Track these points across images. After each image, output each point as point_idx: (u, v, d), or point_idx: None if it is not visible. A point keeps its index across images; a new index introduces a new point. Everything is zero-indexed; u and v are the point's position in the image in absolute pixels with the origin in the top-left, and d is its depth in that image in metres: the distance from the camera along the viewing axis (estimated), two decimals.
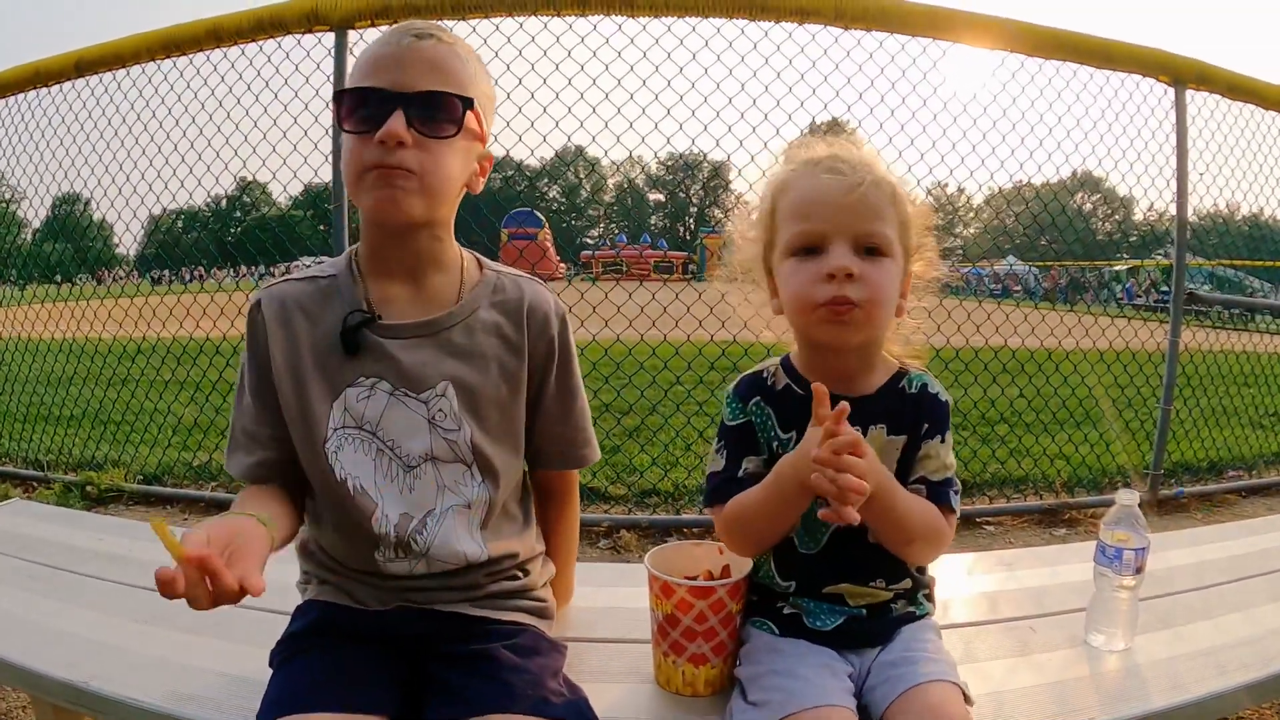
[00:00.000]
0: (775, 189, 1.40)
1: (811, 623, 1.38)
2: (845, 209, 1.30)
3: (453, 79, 1.32)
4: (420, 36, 1.31)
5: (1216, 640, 1.63)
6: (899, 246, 1.34)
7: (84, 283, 8.06)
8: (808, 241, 1.32)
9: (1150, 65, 4.63)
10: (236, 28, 4.13)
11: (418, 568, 1.38)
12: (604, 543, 4.09)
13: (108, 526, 2.39)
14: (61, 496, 4.79)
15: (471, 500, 1.41)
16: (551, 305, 1.50)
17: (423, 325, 1.39)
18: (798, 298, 1.33)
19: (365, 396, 1.36)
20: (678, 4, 3.87)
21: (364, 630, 1.36)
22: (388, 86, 1.28)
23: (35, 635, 1.66)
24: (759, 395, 1.43)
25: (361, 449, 1.37)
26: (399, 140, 1.26)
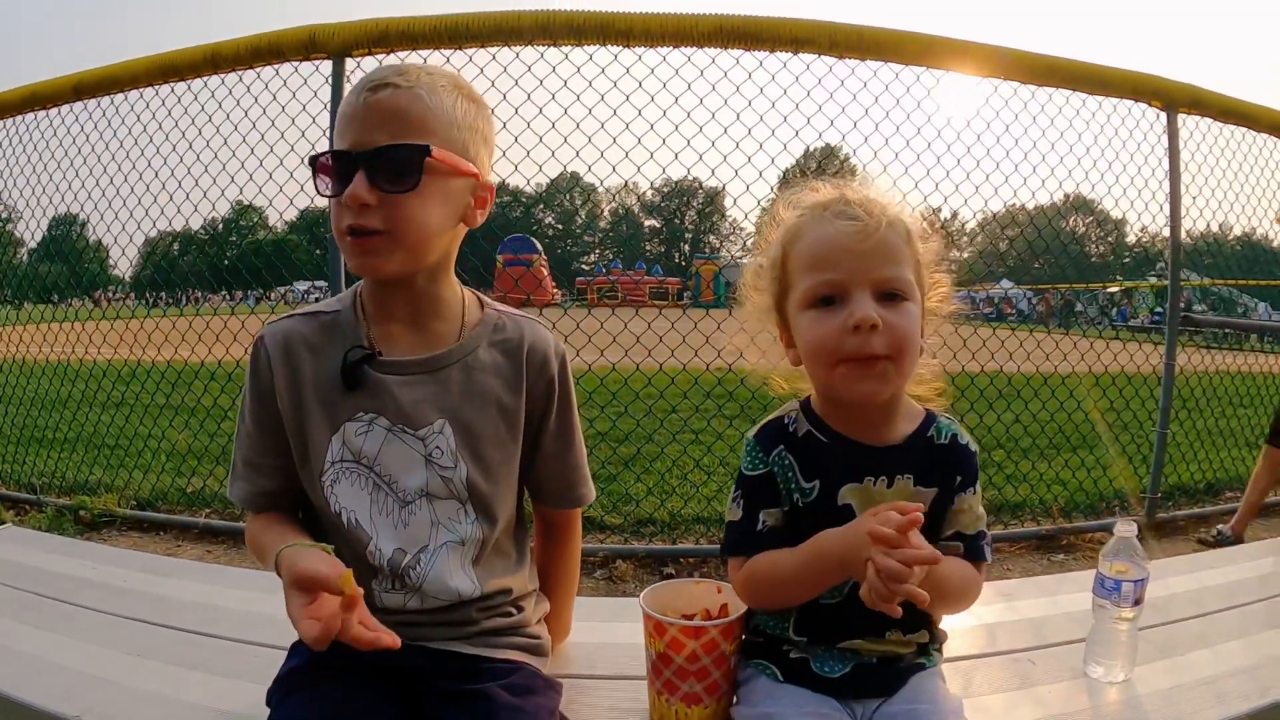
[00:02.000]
0: (786, 237, 1.35)
1: (819, 668, 1.36)
2: (863, 256, 1.26)
3: (411, 126, 1.29)
4: (376, 89, 1.29)
5: (1216, 669, 1.62)
6: (917, 288, 1.31)
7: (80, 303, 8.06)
8: (827, 291, 1.27)
9: (1143, 90, 4.67)
10: (235, 54, 4.15)
11: (411, 602, 1.39)
12: (600, 573, 4.07)
13: (102, 555, 2.37)
14: (54, 521, 4.77)
15: (465, 537, 1.41)
16: (551, 345, 1.50)
17: (422, 363, 1.40)
18: (821, 351, 1.28)
19: (364, 431, 1.37)
20: (673, 35, 3.90)
21: (360, 667, 1.35)
22: (349, 147, 1.28)
23: (28, 667, 1.65)
24: (782, 444, 1.37)
25: (358, 483, 1.38)
26: (362, 202, 1.26)
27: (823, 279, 1.27)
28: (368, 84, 1.29)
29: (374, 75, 1.31)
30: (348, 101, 1.31)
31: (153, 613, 1.91)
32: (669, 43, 3.99)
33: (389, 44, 3.92)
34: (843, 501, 1.33)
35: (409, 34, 3.87)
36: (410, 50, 3.99)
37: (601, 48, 4.01)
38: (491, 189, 1.44)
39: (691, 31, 3.90)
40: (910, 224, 1.32)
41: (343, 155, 1.28)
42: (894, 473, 1.33)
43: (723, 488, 5.11)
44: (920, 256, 1.33)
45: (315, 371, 1.39)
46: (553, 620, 1.64)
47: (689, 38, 3.94)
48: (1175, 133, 4.76)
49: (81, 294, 8.13)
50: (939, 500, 1.35)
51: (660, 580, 4.02)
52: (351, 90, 1.32)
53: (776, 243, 1.36)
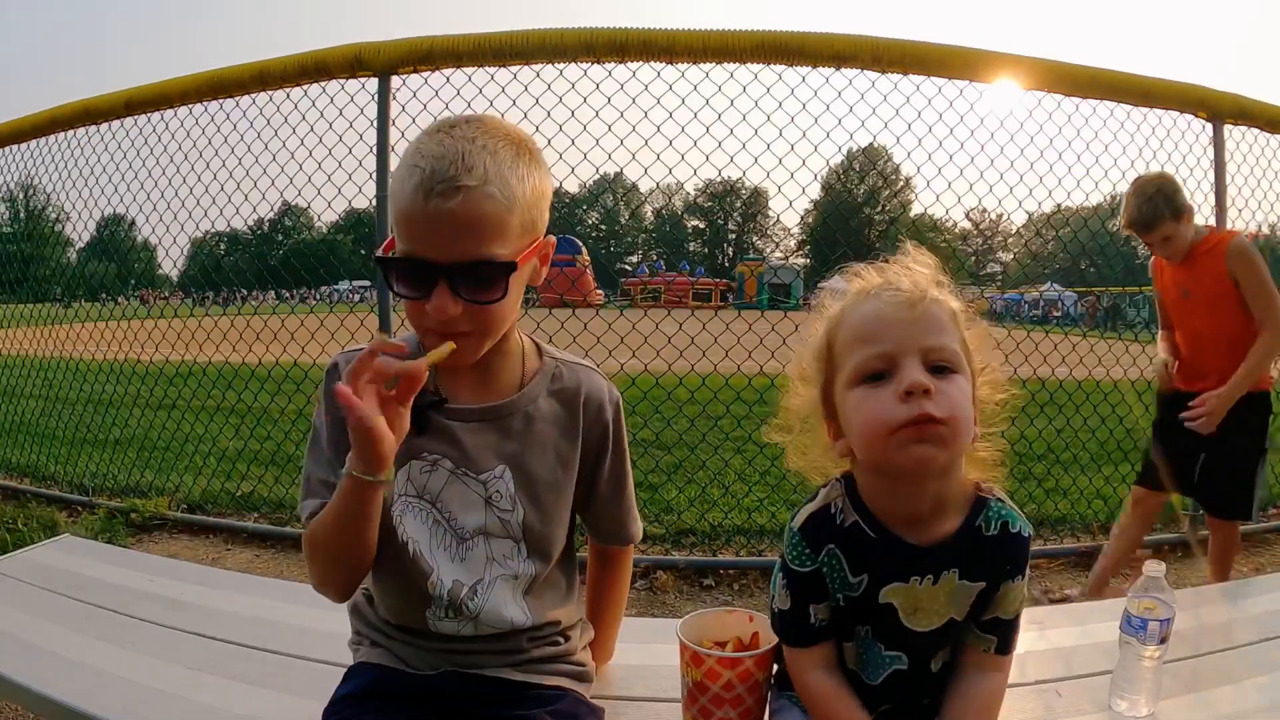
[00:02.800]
0: (830, 324, 1.32)
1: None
2: (911, 324, 1.22)
3: (490, 233, 1.25)
4: (446, 194, 1.21)
5: (1239, 705, 1.62)
6: (967, 365, 1.27)
7: (130, 300, 8.24)
8: (876, 366, 1.22)
9: (1188, 101, 4.62)
10: (283, 72, 4.25)
11: (465, 630, 1.44)
12: (640, 583, 4.11)
13: (158, 567, 2.44)
14: (106, 523, 4.89)
15: (519, 573, 1.46)
16: (606, 394, 1.55)
17: (486, 411, 1.45)
18: (873, 423, 1.21)
19: (428, 471, 1.43)
20: (716, 51, 3.93)
21: (412, 694, 1.41)
22: (429, 256, 1.24)
23: (88, 679, 1.71)
24: (831, 542, 1.31)
25: (420, 517, 1.43)
26: (451, 315, 1.26)
27: (872, 352, 1.23)
28: (436, 186, 1.21)
29: (438, 171, 1.21)
30: (412, 199, 1.22)
31: (210, 626, 1.97)
32: (711, 59, 4.02)
33: (434, 62, 3.99)
34: (884, 600, 1.30)
35: (454, 52, 3.94)
36: (455, 68, 4.06)
37: (645, 64, 4.05)
38: (553, 244, 1.43)
39: (734, 48, 3.93)
40: (955, 304, 1.30)
41: (421, 263, 1.25)
42: (940, 569, 1.29)
43: (764, 500, 5.16)
44: (966, 336, 1.30)
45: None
46: (598, 645, 1.70)
47: (731, 54, 3.97)
48: (1221, 143, 4.70)
49: (130, 293, 8.32)
50: (985, 591, 1.31)
51: (699, 591, 4.08)
52: (412, 183, 1.23)
53: (820, 332, 1.34)
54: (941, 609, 1.30)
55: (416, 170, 1.22)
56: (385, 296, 4.20)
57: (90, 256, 8.06)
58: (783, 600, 1.35)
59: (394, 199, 1.27)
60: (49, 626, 1.96)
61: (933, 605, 1.30)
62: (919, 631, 1.31)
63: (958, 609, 1.31)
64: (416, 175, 1.22)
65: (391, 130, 4.08)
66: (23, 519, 4.88)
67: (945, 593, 1.29)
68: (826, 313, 1.34)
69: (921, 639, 1.31)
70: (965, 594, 1.30)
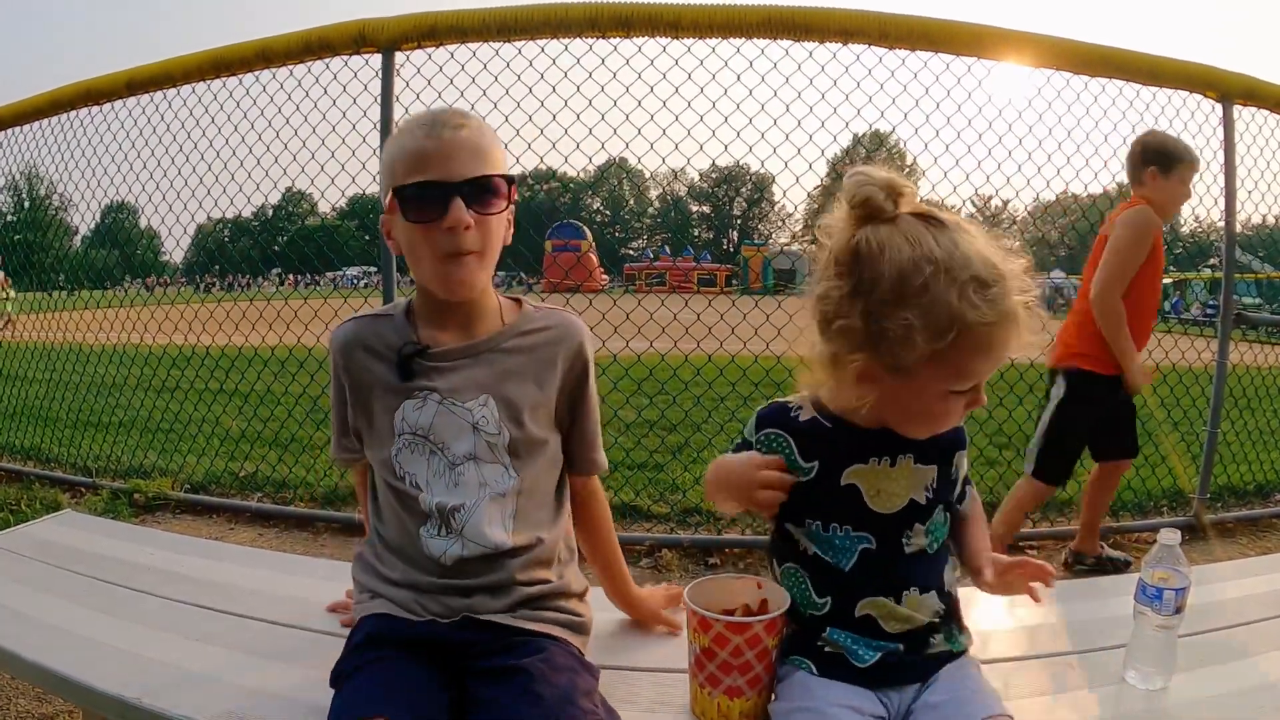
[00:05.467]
0: (970, 327, 1.25)
1: (853, 658, 1.39)
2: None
3: (488, 158, 1.49)
4: (457, 127, 1.46)
5: (1255, 680, 1.60)
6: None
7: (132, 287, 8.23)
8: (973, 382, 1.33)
9: (1197, 81, 4.57)
10: (285, 49, 4.22)
11: (452, 549, 1.51)
12: (645, 561, 4.10)
13: (159, 540, 2.43)
14: (109, 503, 4.88)
15: (505, 491, 1.56)
16: (581, 329, 1.68)
17: (465, 349, 1.58)
18: (935, 426, 1.38)
19: (419, 407, 1.55)
20: (721, 26, 3.90)
21: (409, 640, 1.46)
22: (443, 178, 1.44)
23: (87, 649, 1.70)
24: (778, 427, 1.46)
25: (419, 451, 1.55)
26: (466, 225, 1.45)
27: (986, 369, 1.33)
28: (440, 125, 1.46)
29: (440, 118, 1.48)
30: (417, 139, 1.46)
31: (210, 598, 1.96)
32: (717, 34, 3.99)
33: (438, 38, 3.97)
34: (846, 482, 1.41)
35: (458, 28, 3.91)
36: (459, 43, 4.03)
37: (650, 39, 4.02)
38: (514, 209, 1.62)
39: (740, 23, 3.90)
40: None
41: (439, 185, 1.45)
42: (896, 453, 1.41)
43: None
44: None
45: (375, 367, 1.58)
46: (614, 576, 1.84)
47: (738, 29, 3.94)
48: (1231, 124, 4.65)
49: (134, 279, 8.31)
50: (941, 471, 1.45)
51: (704, 570, 4.06)
52: (421, 128, 1.47)
53: (951, 330, 1.25)
54: (902, 491, 1.42)
55: (423, 122, 1.48)
56: (390, 279, 4.17)
57: (94, 244, 8.05)
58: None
59: (397, 151, 1.49)
60: (47, 598, 1.95)
61: (893, 487, 1.41)
62: (883, 513, 1.41)
63: (916, 491, 1.43)
64: (425, 123, 1.47)
65: (396, 107, 4.05)
66: (26, 500, 4.88)
67: (904, 475, 1.42)
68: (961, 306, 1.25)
69: (886, 520, 1.41)
70: (922, 477, 1.43)
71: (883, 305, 1.26)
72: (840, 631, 1.41)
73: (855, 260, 1.30)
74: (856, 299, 1.29)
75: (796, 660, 1.44)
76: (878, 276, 1.26)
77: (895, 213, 1.31)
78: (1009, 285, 1.27)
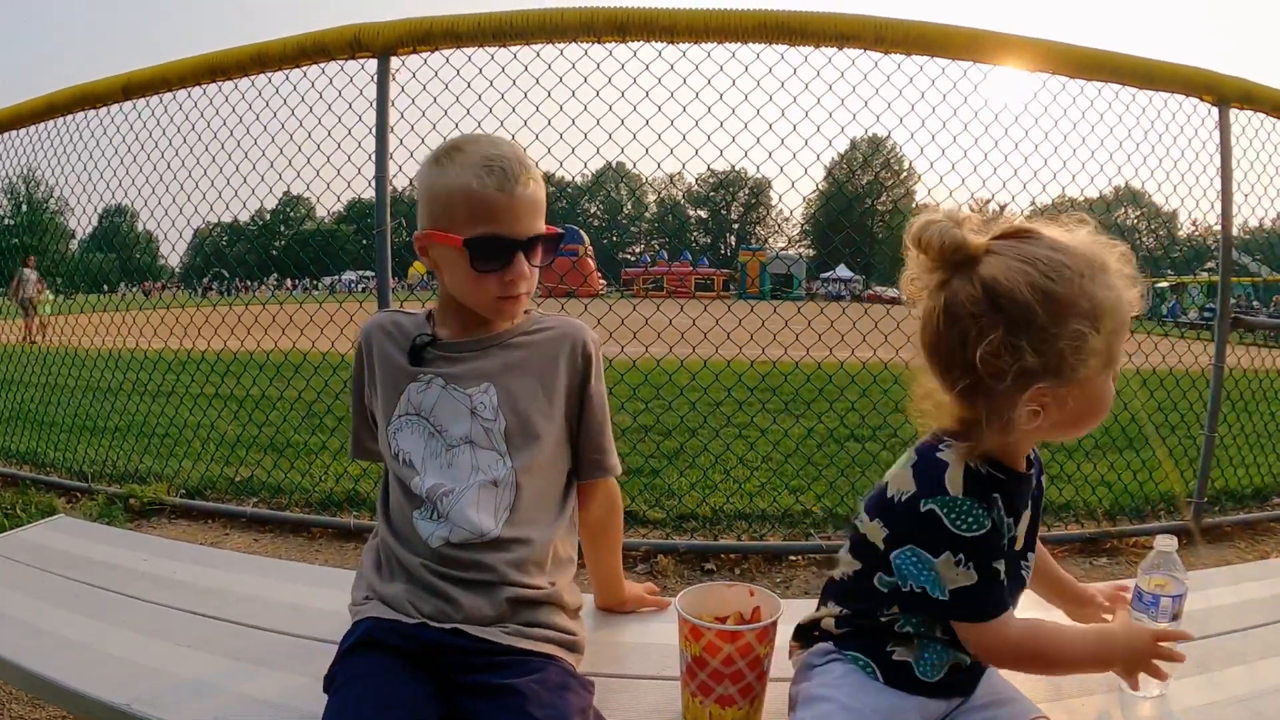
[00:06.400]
0: (1111, 310, 1.25)
1: (920, 670, 1.35)
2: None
3: (542, 211, 1.61)
4: (525, 184, 1.55)
5: (1253, 686, 1.60)
6: None
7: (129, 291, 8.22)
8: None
9: (1193, 85, 4.55)
10: (281, 53, 4.20)
11: (440, 532, 1.55)
12: (641, 567, 4.08)
13: (153, 547, 2.44)
14: (104, 508, 4.86)
15: (498, 479, 1.59)
16: (586, 331, 1.74)
17: (472, 343, 1.67)
18: (1106, 411, 1.32)
19: (423, 389, 1.63)
20: (716, 30, 3.89)
21: (405, 645, 1.46)
22: (513, 235, 1.56)
23: (80, 656, 1.70)
24: (996, 493, 1.30)
25: (417, 431, 1.63)
26: (524, 276, 1.59)
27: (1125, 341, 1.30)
28: (510, 179, 1.54)
29: (509, 170, 1.54)
30: (488, 189, 1.53)
31: (203, 604, 1.96)
32: (712, 38, 3.97)
33: (433, 43, 3.96)
34: (1011, 535, 1.35)
35: (453, 33, 3.90)
36: (454, 48, 4.03)
37: (645, 44, 4.01)
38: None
39: (735, 27, 3.89)
40: None
41: (510, 241, 1.56)
42: (1028, 498, 1.39)
43: (766, 485, 5.14)
44: None
45: (390, 351, 1.68)
46: (608, 579, 1.94)
47: (733, 33, 3.92)
48: (1227, 128, 4.63)
49: (131, 284, 8.31)
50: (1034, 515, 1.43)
51: (701, 576, 4.06)
52: (481, 176, 1.53)
53: (1104, 317, 1.24)
54: (1023, 535, 1.39)
55: (494, 168, 1.53)
56: (385, 283, 4.15)
57: (91, 248, 8.04)
58: (966, 577, 1.27)
59: (459, 190, 1.55)
60: (39, 604, 1.96)
61: (1024, 527, 1.39)
62: (1016, 552, 1.38)
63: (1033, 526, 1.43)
64: (492, 170, 1.53)
65: (390, 111, 4.04)
66: (21, 505, 4.86)
67: (1023, 525, 1.38)
68: (1104, 294, 1.25)
69: (1018, 556, 1.40)
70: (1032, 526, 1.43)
71: (1047, 328, 1.21)
72: (925, 643, 1.37)
73: (993, 303, 1.22)
74: (1020, 335, 1.21)
75: (857, 658, 1.38)
76: (1027, 305, 1.21)
77: (984, 244, 1.27)
78: (1111, 258, 1.28)
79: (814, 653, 1.44)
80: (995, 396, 1.25)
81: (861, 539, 1.39)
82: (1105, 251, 1.27)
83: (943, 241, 1.26)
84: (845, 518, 4.65)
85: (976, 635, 1.30)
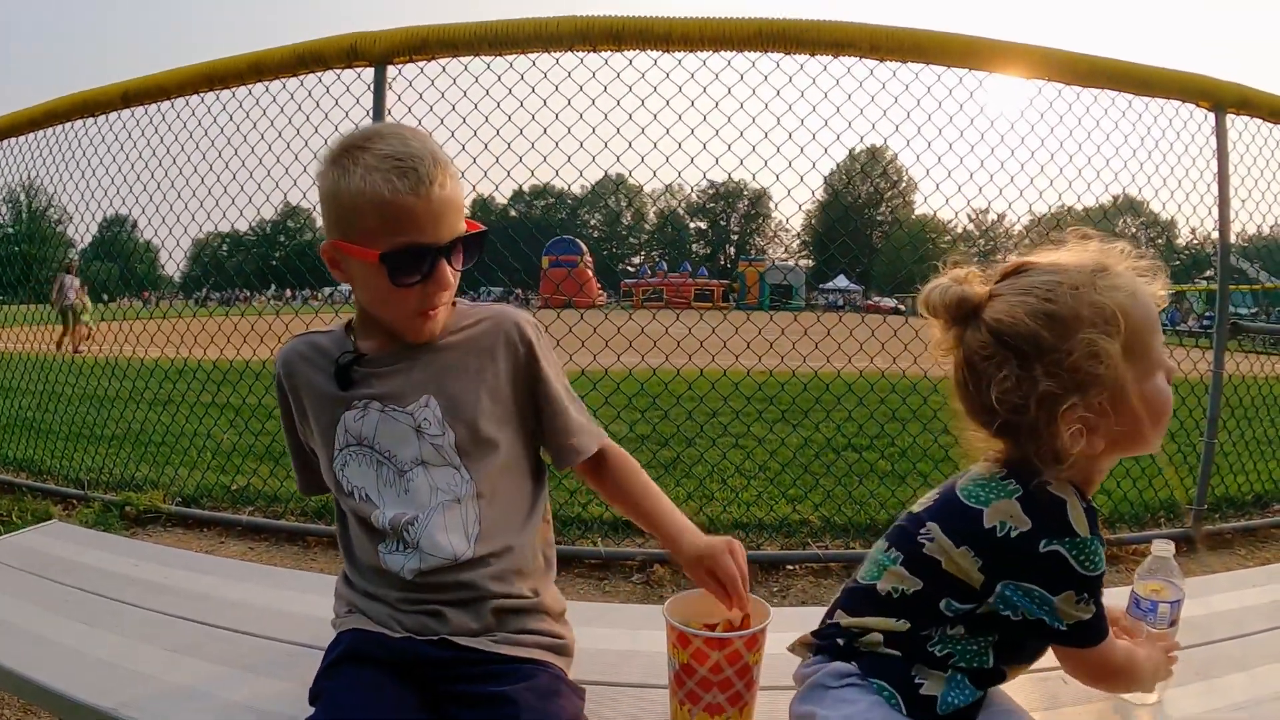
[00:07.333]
0: (1124, 308, 1.25)
1: (940, 707, 1.31)
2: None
3: (461, 209, 1.47)
4: (440, 184, 1.40)
5: (1253, 693, 1.58)
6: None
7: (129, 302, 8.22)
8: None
9: (1190, 91, 4.56)
10: (278, 62, 4.22)
11: (411, 563, 1.48)
12: (636, 577, 4.07)
13: (145, 552, 2.43)
14: (100, 516, 4.86)
15: (461, 497, 1.50)
16: (522, 316, 1.62)
17: (400, 353, 1.54)
18: (1167, 413, 1.30)
19: (360, 417, 1.52)
20: (712, 39, 3.89)
21: (384, 658, 1.43)
22: (433, 242, 1.41)
23: (67, 660, 1.70)
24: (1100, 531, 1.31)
25: (365, 462, 1.52)
26: (448, 286, 1.46)
27: (1161, 339, 1.30)
28: (421, 180, 1.37)
29: (418, 170, 1.37)
30: (398, 193, 1.36)
31: (193, 610, 1.95)
32: (708, 47, 3.98)
33: (429, 52, 3.97)
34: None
35: (449, 42, 3.92)
36: (450, 57, 4.04)
37: (641, 53, 4.02)
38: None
39: (731, 35, 3.89)
40: None
41: (430, 249, 1.41)
42: None
43: (762, 493, 5.12)
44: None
45: (315, 379, 1.56)
46: (673, 526, 1.73)
47: (728, 42, 3.93)
48: (1224, 133, 4.64)
49: (131, 293, 8.31)
50: None
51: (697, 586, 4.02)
52: (391, 179, 1.36)
53: (1117, 318, 1.24)
54: None
55: (405, 169, 1.37)
56: None
57: (92, 258, 8.05)
58: (1085, 611, 1.27)
59: (368, 196, 1.37)
60: (30, 608, 1.95)
61: None
62: None
63: None
64: (409, 174, 1.37)
65: (388, 120, 4.04)
66: (16, 512, 4.86)
67: None
68: (1112, 297, 1.26)
69: None
70: None
71: (1057, 347, 1.23)
72: (953, 676, 1.33)
73: (1000, 342, 1.26)
74: (1031, 365, 1.24)
75: (881, 687, 1.32)
76: (1033, 333, 1.24)
77: (987, 289, 1.32)
78: (1113, 260, 1.29)
79: (830, 672, 1.37)
80: (1032, 429, 1.26)
81: (929, 560, 1.33)
82: (1104, 255, 1.29)
83: (945, 300, 1.32)
84: (843, 527, 4.64)
85: (1081, 659, 1.33)
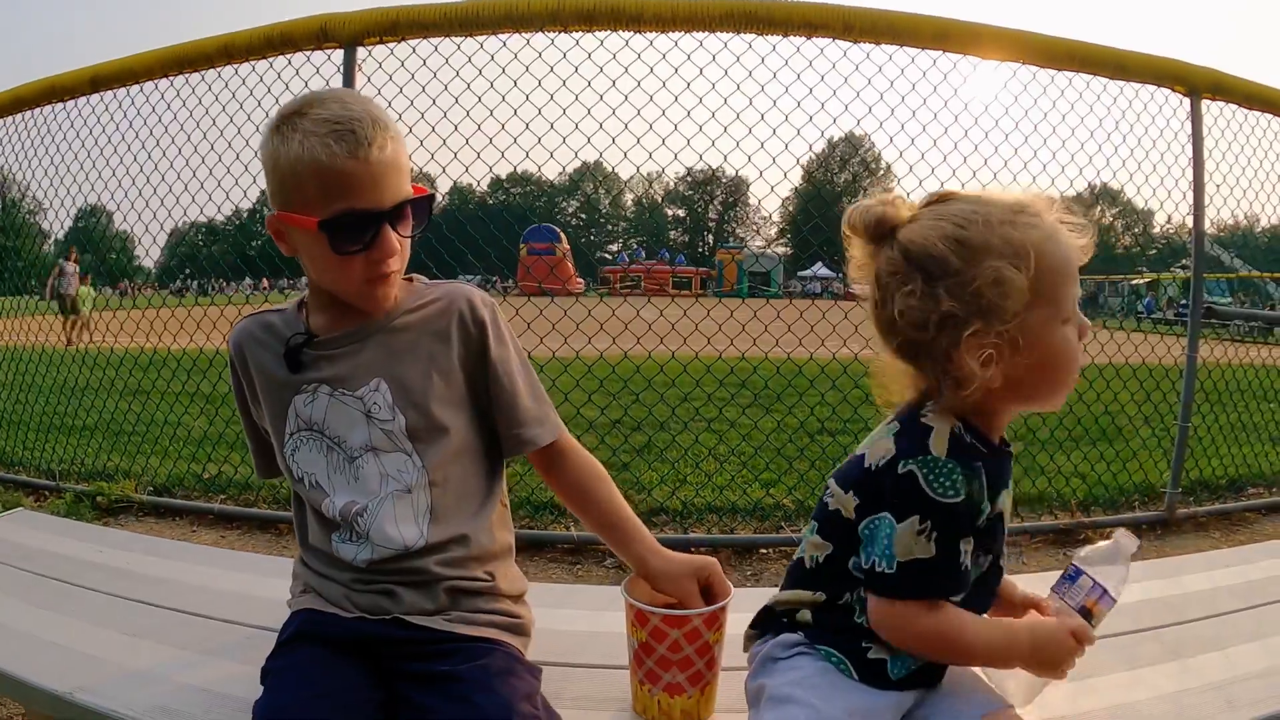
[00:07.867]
0: (1039, 247, 1.24)
1: (892, 669, 1.29)
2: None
3: (406, 171, 1.42)
4: (380, 146, 1.35)
5: (1227, 673, 1.58)
6: None
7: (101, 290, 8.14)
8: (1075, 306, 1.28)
9: (1165, 75, 4.56)
10: (248, 45, 4.16)
11: (363, 553, 1.45)
12: (610, 561, 4.06)
13: (111, 539, 2.41)
14: (72, 506, 4.81)
15: (411, 485, 1.47)
16: (477, 295, 1.58)
17: (352, 334, 1.50)
18: (1073, 365, 1.29)
19: (310, 401, 1.49)
20: (684, 19, 3.86)
21: (337, 637, 1.41)
22: (375, 206, 1.36)
23: (27, 644, 1.69)
24: (978, 461, 1.25)
25: (315, 448, 1.49)
26: (395, 252, 1.41)
27: (1076, 292, 1.28)
28: (360, 142, 1.33)
29: (357, 132, 1.33)
30: (336, 158, 1.32)
31: (153, 594, 1.94)
32: (680, 27, 3.95)
33: (400, 33, 3.93)
34: (997, 510, 1.30)
35: (419, 22, 3.88)
36: (421, 38, 4.00)
37: (612, 33, 3.99)
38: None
39: (703, 16, 3.87)
40: None
41: (372, 215, 1.37)
42: (1010, 465, 1.37)
43: (736, 477, 5.12)
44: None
45: (266, 361, 1.53)
46: (639, 545, 1.59)
47: (700, 22, 3.90)
48: (1199, 119, 4.65)
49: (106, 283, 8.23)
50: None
51: None
52: (329, 144, 1.32)
53: (1028, 254, 1.23)
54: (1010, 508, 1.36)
55: (342, 133, 1.33)
56: None
57: (65, 248, 7.95)
58: (924, 549, 1.20)
59: (306, 162, 1.33)
60: None
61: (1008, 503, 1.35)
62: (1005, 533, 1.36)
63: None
64: (346, 137, 1.32)
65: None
66: None
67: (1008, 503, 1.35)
68: (1032, 236, 1.24)
69: (1003, 540, 1.35)
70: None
71: (963, 271, 1.22)
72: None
73: (909, 260, 1.26)
74: (935, 285, 1.23)
75: (829, 654, 1.30)
76: (942, 255, 1.23)
77: (910, 215, 1.31)
78: (1040, 204, 1.28)
79: (779, 644, 1.34)
80: (934, 349, 1.24)
81: (832, 516, 1.32)
82: (1032, 199, 1.29)
83: (866, 220, 1.31)
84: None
85: (886, 611, 1.25)
